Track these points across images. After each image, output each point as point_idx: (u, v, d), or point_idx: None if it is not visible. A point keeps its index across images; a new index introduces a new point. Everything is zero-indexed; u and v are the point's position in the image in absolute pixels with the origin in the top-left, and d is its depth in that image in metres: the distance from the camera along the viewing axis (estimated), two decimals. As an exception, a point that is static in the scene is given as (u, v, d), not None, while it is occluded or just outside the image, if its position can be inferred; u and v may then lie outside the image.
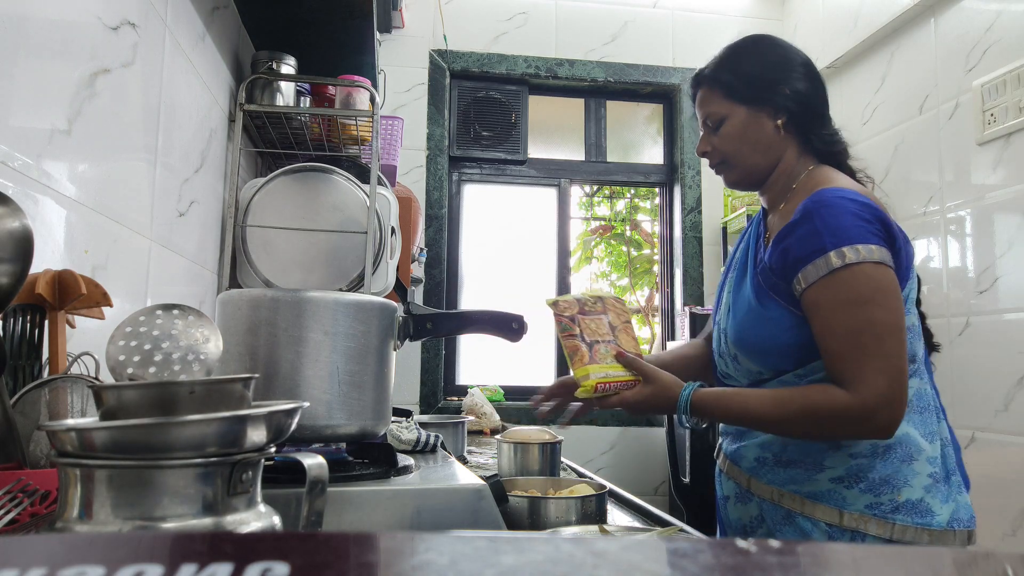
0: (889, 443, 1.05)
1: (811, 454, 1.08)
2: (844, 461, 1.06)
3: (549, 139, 3.38)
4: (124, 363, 0.51)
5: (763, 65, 1.19)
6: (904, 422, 1.06)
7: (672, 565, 0.21)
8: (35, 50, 0.85)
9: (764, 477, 1.12)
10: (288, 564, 0.20)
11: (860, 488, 1.05)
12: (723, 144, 1.19)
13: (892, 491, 1.05)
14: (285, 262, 1.71)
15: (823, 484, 1.07)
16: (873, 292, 1.01)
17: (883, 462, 1.05)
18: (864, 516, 1.04)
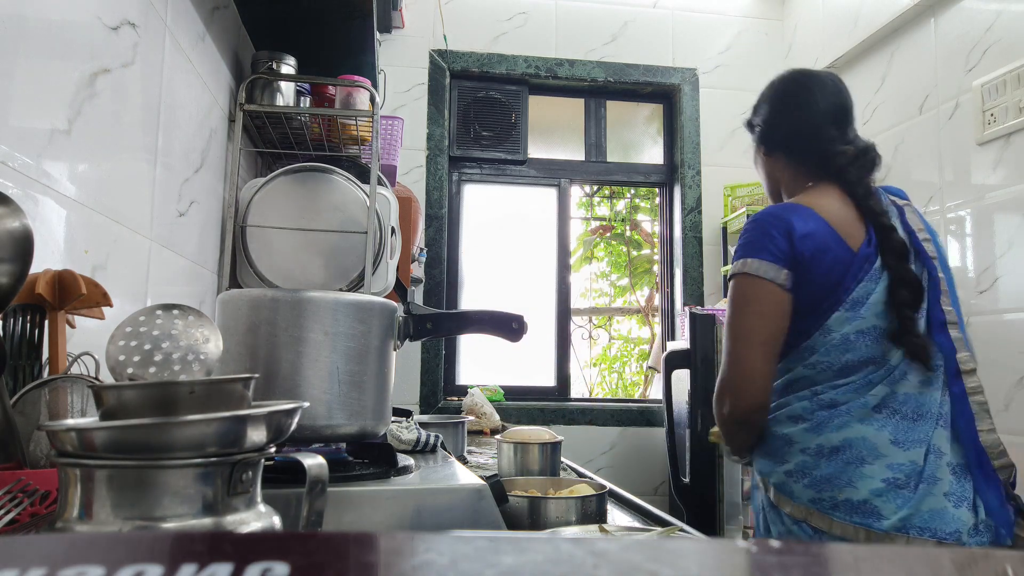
0: (836, 445, 1.14)
1: (776, 448, 1.21)
2: (795, 456, 1.18)
3: (549, 139, 3.38)
4: (124, 363, 0.51)
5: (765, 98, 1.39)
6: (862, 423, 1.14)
7: (672, 565, 0.21)
8: (35, 50, 0.85)
9: (756, 464, 1.27)
10: (288, 564, 0.20)
11: (804, 484, 1.15)
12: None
13: (833, 490, 1.13)
14: (285, 262, 1.71)
15: (780, 476, 1.19)
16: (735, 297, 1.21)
17: (828, 462, 1.14)
18: (808, 509, 1.14)
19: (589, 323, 3.96)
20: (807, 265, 1.17)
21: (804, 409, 1.18)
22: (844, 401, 1.16)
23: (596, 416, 3.06)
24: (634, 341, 4.02)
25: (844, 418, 1.15)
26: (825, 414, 1.16)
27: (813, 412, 1.17)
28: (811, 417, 1.17)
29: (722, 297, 3.09)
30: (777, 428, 1.21)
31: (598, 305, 4.14)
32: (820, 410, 1.17)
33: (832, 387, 1.17)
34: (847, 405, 1.16)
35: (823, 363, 1.18)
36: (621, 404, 3.20)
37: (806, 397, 1.19)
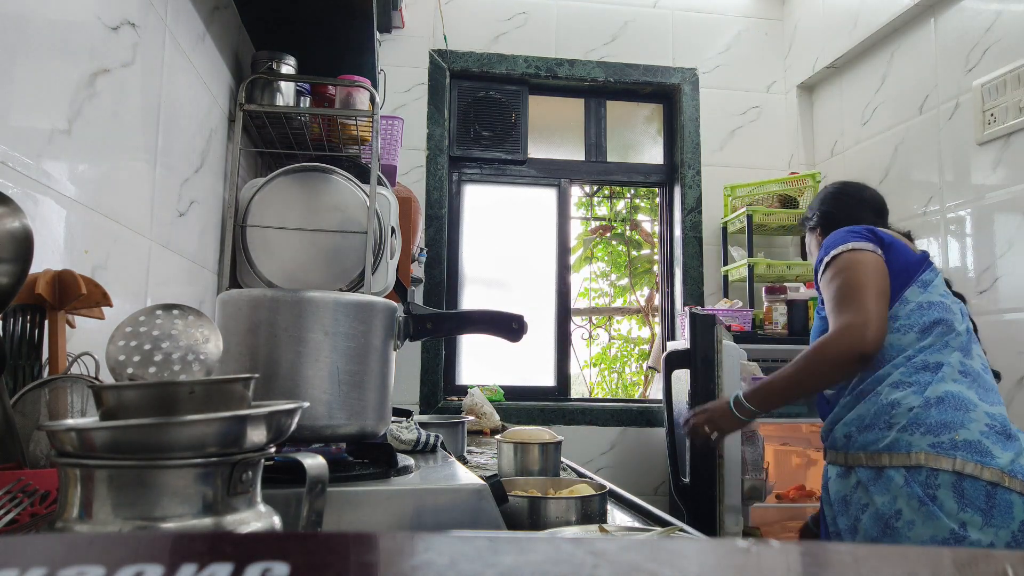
0: (939, 395, 1.33)
1: (880, 416, 1.37)
2: (904, 415, 1.34)
3: (549, 139, 3.38)
4: (124, 363, 0.51)
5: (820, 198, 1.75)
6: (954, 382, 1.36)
7: (672, 565, 0.21)
8: (35, 50, 0.85)
9: (852, 447, 1.42)
10: (288, 564, 0.20)
11: (921, 432, 1.31)
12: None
13: (951, 431, 1.30)
14: (285, 262, 1.71)
15: (893, 436, 1.34)
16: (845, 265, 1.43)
17: (937, 410, 1.32)
18: (928, 454, 1.29)
19: (589, 323, 3.96)
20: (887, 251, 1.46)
21: (904, 374, 1.37)
22: (935, 363, 1.37)
23: (596, 416, 3.06)
24: (634, 341, 4.02)
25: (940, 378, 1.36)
26: (924, 376, 1.36)
27: (913, 375, 1.37)
28: (914, 380, 1.36)
29: (722, 297, 3.09)
30: (878, 399, 1.39)
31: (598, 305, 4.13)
32: (919, 372, 1.37)
33: (920, 350, 1.38)
34: (940, 369, 1.37)
35: (906, 325, 1.40)
36: (621, 404, 3.20)
37: (901, 364, 1.39)
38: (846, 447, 1.44)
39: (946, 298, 1.45)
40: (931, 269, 1.48)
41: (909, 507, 1.27)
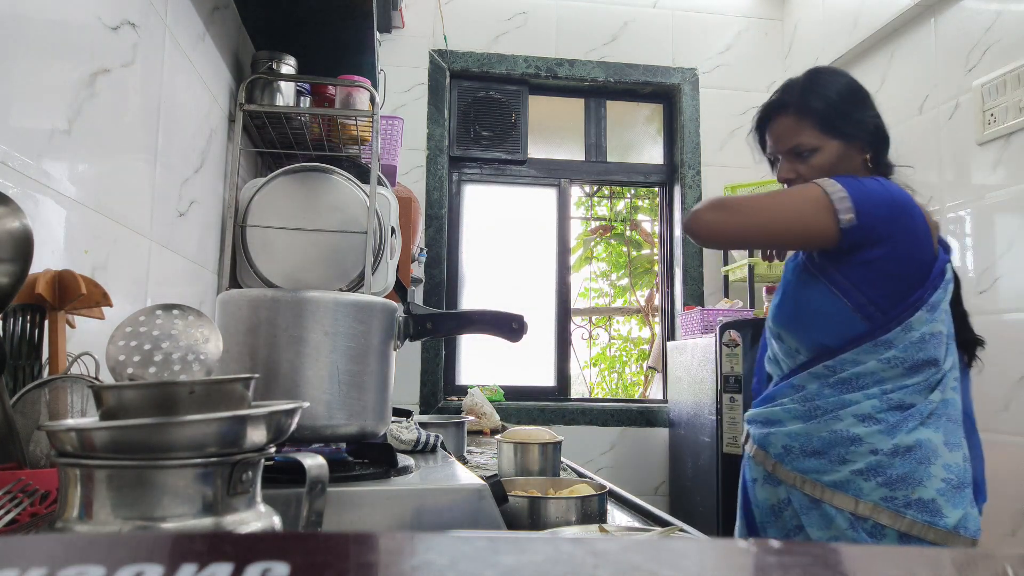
0: (909, 444, 1.16)
1: (835, 446, 1.19)
2: (864, 456, 1.17)
3: (549, 139, 3.38)
4: (124, 363, 0.51)
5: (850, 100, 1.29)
6: (923, 427, 1.18)
7: (672, 565, 0.21)
8: (35, 50, 0.85)
9: (789, 464, 1.23)
10: (288, 564, 0.20)
11: (877, 482, 1.15)
12: (813, 174, 1.26)
13: (907, 488, 1.15)
14: (285, 262, 1.71)
15: (844, 475, 1.17)
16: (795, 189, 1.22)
17: (902, 460, 1.16)
18: (876, 506, 1.15)
19: (589, 323, 3.96)
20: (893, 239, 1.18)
21: (874, 408, 1.18)
22: (911, 403, 1.18)
23: (596, 416, 3.06)
24: (634, 341, 4.02)
25: (915, 420, 1.17)
26: (897, 415, 1.17)
27: (883, 412, 1.17)
28: (882, 418, 1.17)
29: (723, 297, 3.09)
30: (839, 426, 1.19)
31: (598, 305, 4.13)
32: (890, 411, 1.17)
33: (901, 387, 1.18)
34: (915, 408, 1.18)
35: (898, 359, 1.18)
36: (621, 404, 3.20)
37: (875, 396, 1.18)
38: (780, 458, 1.25)
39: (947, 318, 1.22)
40: (945, 280, 1.22)
41: None
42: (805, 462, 1.21)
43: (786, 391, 1.28)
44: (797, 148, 1.28)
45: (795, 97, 1.30)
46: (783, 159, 1.32)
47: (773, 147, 1.33)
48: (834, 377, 1.21)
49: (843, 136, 1.27)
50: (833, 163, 1.27)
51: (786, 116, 1.30)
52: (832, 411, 1.20)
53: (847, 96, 1.29)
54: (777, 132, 1.32)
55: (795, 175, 1.29)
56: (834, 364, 1.21)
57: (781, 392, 1.29)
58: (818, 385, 1.23)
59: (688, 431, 2.79)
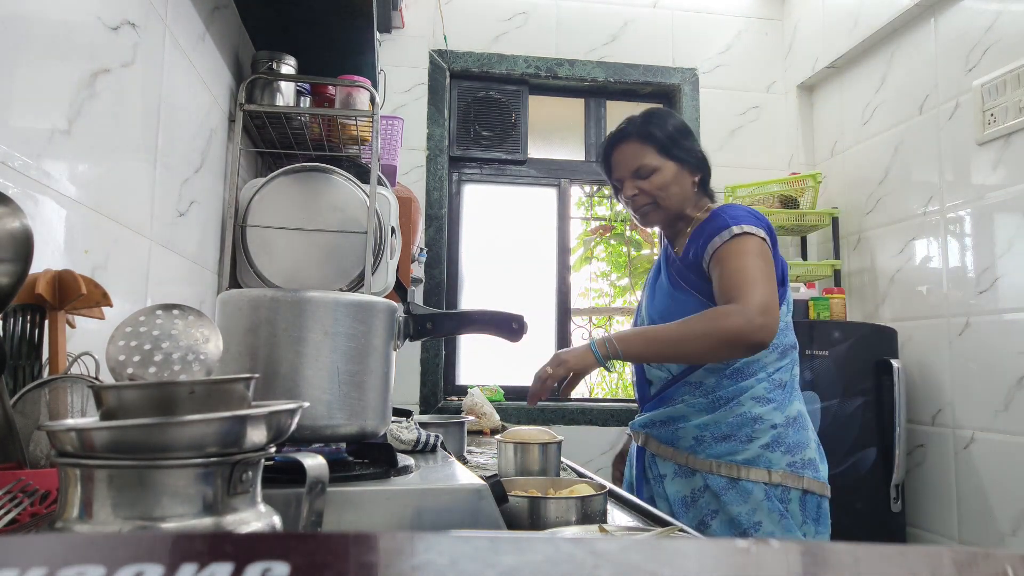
0: (794, 415, 1.40)
1: (742, 428, 1.38)
2: (767, 431, 1.37)
3: (549, 139, 3.38)
4: (124, 363, 0.51)
5: (682, 132, 1.51)
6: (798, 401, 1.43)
7: (672, 565, 0.21)
8: (35, 50, 0.85)
9: (703, 452, 1.40)
10: (288, 564, 0.20)
11: (781, 451, 1.36)
12: (655, 190, 1.47)
13: (801, 452, 1.38)
14: (285, 262, 1.71)
15: (754, 451, 1.37)
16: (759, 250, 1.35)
17: (793, 429, 1.38)
18: (786, 473, 1.35)
19: (589, 323, 3.96)
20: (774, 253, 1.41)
21: (766, 390, 1.39)
22: (786, 380, 1.42)
23: (596, 416, 3.06)
24: (634, 341, 4.02)
25: (793, 394, 1.43)
26: (782, 393, 1.40)
27: (772, 391, 1.39)
28: (773, 396, 1.39)
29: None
30: (741, 410, 1.38)
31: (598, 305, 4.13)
32: (776, 389, 1.40)
33: (778, 368, 1.41)
34: (789, 384, 1.42)
35: (774, 345, 1.38)
36: (621, 404, 3.20)
37: (763, 379, 1.39)
38: (693, 450, 1.41)
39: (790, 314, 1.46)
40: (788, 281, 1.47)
41: (770, 519, 1.36)
42: (717, 447, 1.39)
43: (683, 389, 1.44)
44: (640, 169, 1.47)
45: (637, 127, 1.49)
46: (627, 181, 1.50)
47: (618, 171, 1.51)
48: (728, 369, 1.40)
49: (678, 159, 1.47)
50: (670, 182, 1.47)
51: (630, 142, 1.49)
52: (734, 398, 1.39)
53: (680, 129, 1.50)
54: (622, 156, 1.50)
55: (638, 192, 1.48)
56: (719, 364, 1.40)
57: (678, 392, 1.45)
58: (716, 378, 1.41)
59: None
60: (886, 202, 2.76)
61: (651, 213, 1.51)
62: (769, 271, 1.34)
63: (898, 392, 2.43)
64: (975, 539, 2.28)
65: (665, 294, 1.49)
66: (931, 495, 2.49)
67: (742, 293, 1.29)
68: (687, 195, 1.49)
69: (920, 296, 2.57)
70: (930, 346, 2.49)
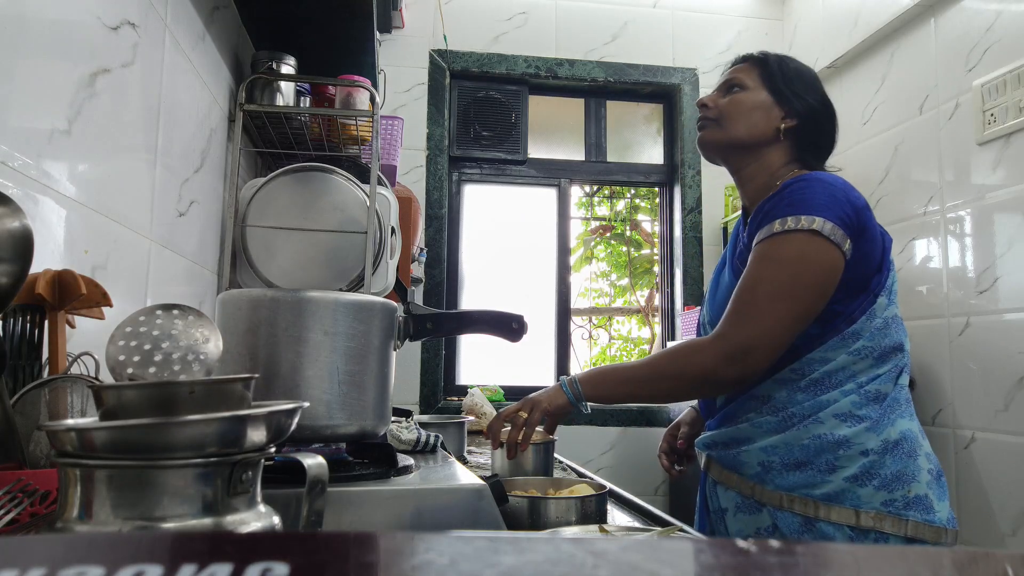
0: (896, 439, 1.08)
1: (821, 453, 1.08)
2: (856, 459, 1.06)
3: (549, 139, 3.38)
4: (124, 363, 0.51)
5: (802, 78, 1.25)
6: (902, 418, 1.10)
7: (672, 565, 0.21)
8: (35, 50, 0.85)
9: (772, 483, 1.11)
10: (288, 564, 0.20)
11: (874, 485, 1.05)
12: (727, 106, 1.23)
13: (904, 487, 1.06)
14: (285, 262, 1.71)
15: (837, 484, 1.06)
16: (798, 256, 1.07)
17: (893, 458, 1.07)
18: (880, 514, 1.05)
19: (589, 323, 3.96)
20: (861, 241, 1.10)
21: (854, 405, 1.09)
22: (887, 392, 1.11)
23: (596, 416, 3.06)
24: (634, 341, 4.02)
25: (895, 411, 1.10)
26: (878, 409, 1.09)
27: (864, 407, 1.09)
28: (864, 414, 1.08)
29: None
30: (821, 430, 1.08)
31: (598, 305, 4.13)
32: (870, 404, 1.09)
33: (873, 377, 1.10)
34: (890, 398, 1.11)
35: (867, 349, 1.10)
36: (621, 404, 3.19)
37: (852, 391, 1.09)
38: (760, 479, 1.13)
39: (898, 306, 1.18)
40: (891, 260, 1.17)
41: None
42: (789, 477, 1.10)
43: (749, 404, 1.16)
44: (731, 81, 1.25)
45: (759, 53, 1.29)
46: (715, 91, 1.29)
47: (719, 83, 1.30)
48: (804, 380, 1.11)
49: (776, 92, 1.22)
50: (750, 108, 1.22)
51: (747, 63, 1.28)
52: (810, 415, 1.10)
53: (803, 73, 1.26)
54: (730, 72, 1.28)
55: (711, 103, 1.25)
56: (800, 366, 1.11)
57: (742, 407, 1.17)
58: (787, 391, 1.12)
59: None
60: (886, 202, 2.76)
61: (708, 130, 1.25)
62: (796, 287, 1.06)
63: (898, 392, 2.42)
64: (975, 539, 2.28)
65: (726, 289, 1.21)
66: (931, 495, 2.48)
67: (729, 323, 1.08)
68: (761, 133, 1.21)
69: (920, 296, 2.57)
70: (930, 346, 2.49)
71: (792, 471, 1.10)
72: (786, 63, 1.26)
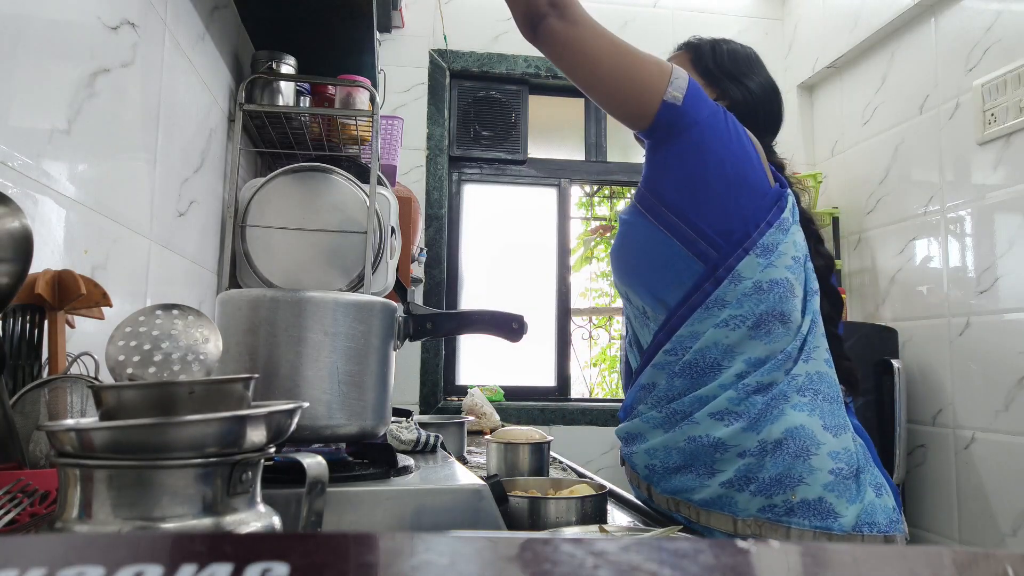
0: (778, 438, 0.97)
1: (698, 457, 1.01)
2: (733, 462, 0.98)
3: (549, 139, 3.37)
4: (124, 363, 0.51)
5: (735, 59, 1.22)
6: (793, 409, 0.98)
7: (672, 565, 0.21)
8: (35, 50, 0.85)
9: (658, 485, 1.06)
10: (288, 564, 0.20)
11: (751, 491, 0.97)
12: None
13: (785, 491, 0.96)
14: (285, 262, 1.71)
15: (714, 489, 0.99)
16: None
17: (773, 460, 0.97)
18: (758, 521, 0.97)
19: (589, 323, 3.96)
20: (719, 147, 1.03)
21: (731, 401, 0.99)
22: (772, 382, 0.99)
23: (596, 416, 3.06)
24: (634, 341, 4.03)
25: (781, 403, 0.98)
26: (759, 402, 0.98)
27: (741, 402, 0.99)
28: (742, 410, 0.98)
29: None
30: (697, 432, 1.00)
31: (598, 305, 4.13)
32: (751, 396, 0.99)
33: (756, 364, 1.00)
34: (777, 388, 0.99)
35: (736, 319, 1.00)
36: (621, 404, 3.19)
37: (729, 385, 1.00)
38: (649, 480, 1.07)
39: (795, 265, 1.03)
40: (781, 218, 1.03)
41: None
42: (672, 481, 1.04)
43: (639, 395, 1.10)
44: None
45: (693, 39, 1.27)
46: None
47: None
48: (679, 363, 1.03)
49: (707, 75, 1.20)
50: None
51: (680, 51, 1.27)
52: (688, 413, 1.02)
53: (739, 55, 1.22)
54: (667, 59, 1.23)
55: None
56: (673, 346, 1.03)
57: (635, 398, 1.11)
58: (666, 377, 1.04)
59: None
60: (886, 202, 2.76)
61: None
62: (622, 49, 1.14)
63: (898, 392, 2.43)
64: (975, 539, 2.28)
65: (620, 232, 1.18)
66: (931, 495, 2.49)
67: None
68: None
69: (920, 296, 2.57)
70: (930, 346, 2.49)
71: (673, 475, 1.04)
72: (719, 46, 1.23)
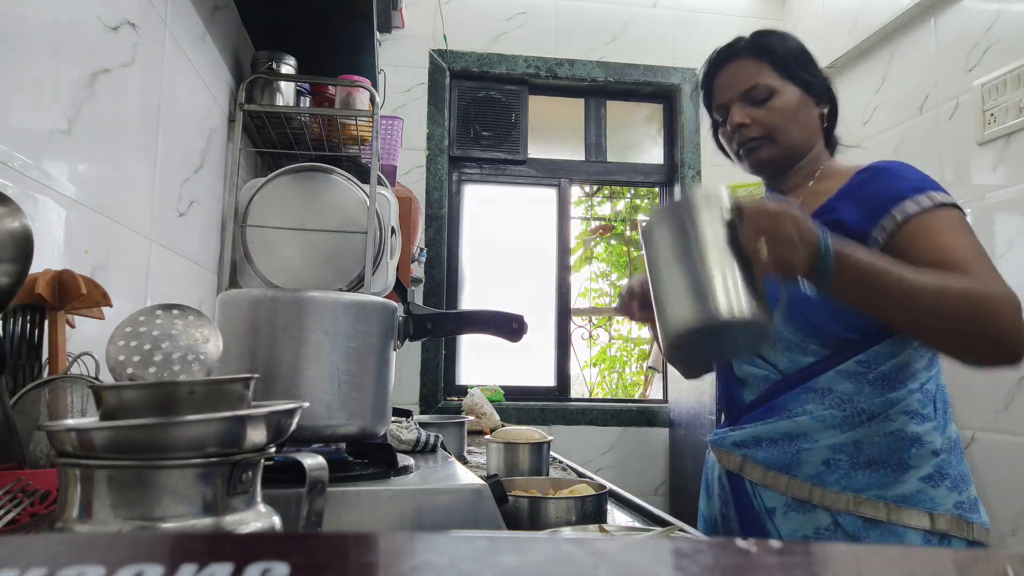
0: (954, 438, 1.05)
1: (894, 452, 1.02)
2: (928, 458, 1.01)
3: (549, 139, 3.37)
4: (124, 363, 0.51)
5: (807, 55, 1.17)
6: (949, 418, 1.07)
7: (672, 565, 0.21)
8: (35, 50, 0.85)
9: (837, 483, 1.03)
10: (288, 564, 0.20)
11: (947, 486, 1.01)
12: (772, 118, 1.13)
13: (968, 487, 1.02)
14: (285, 262, 1.71)
15: (912, 485, 1.00)
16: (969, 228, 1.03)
17: (956, 457, 1.04)
18: (954, 518, 0.99)
19: (589, 323, 3.96)
20: None
21: (920, 403, 1.03)
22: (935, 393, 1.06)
23: (596, 416, 3.06)
24: (634, 341, 4.02)
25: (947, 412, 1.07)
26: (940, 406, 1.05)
27: (927, 405, 1.04)
28: (928, 413, 1.04)
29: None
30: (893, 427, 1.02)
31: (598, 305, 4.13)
32: (930, 403, 1.05)
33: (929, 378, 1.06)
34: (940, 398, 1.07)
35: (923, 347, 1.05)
36: (621, 404, 3.20)
37: (916, 390, 1.04)
38: (821, 479, 1.04)
39: None
40: None
41: None
42: (858, 478, 1.02)
43: (806, 397, 1.06)
44: (753, 91, 1.13)
45: (750, 42, 1.16)
46: (735, 106, 1.16)
47: (723, 95, 1.18)
48: (872, 373, 1.03)
49: (802, 83, 1.14)
50: (793, 109, 1.13)
51: (741, 60, 1.16)
52: (881, 412, 1.02)
53: (803, 50, 1.17)
54: (729, 77, 1.16)
55: (750, 121, 1.14)
56: (868, 359, 1.04)
57: (797, 400, 1.07)
58: (854, 385, 1.04)
59: (688, 431, 2.79)
60: (886, 202, 2.76)
61: (763, 149, 1.15)
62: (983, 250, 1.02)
63: (898, 392, 2.42)
64: (975, 539, 2.28)
65: None
66: (931, 495, 2.48)
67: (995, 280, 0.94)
68: (812, 132, 1.16)
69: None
70: (930, 346, 2.49)
71: (861, 471, 1.03)
72: (787, 44, 1.17)
